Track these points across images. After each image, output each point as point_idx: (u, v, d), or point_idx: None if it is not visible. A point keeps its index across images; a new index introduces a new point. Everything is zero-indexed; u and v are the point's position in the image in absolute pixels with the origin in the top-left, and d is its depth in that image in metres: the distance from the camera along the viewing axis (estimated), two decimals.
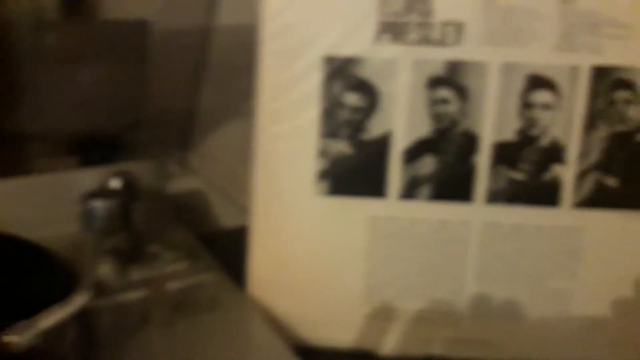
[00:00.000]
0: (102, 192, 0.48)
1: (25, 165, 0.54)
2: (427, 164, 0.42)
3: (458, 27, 0.39)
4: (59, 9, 0.51)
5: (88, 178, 0.53)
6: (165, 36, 0.50)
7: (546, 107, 0.40)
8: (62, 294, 0.35)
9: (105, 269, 0.44)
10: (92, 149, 0.54)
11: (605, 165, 0.41)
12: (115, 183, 0.52)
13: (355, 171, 0.43)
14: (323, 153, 0.42)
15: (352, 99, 0.41)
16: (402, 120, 0.41)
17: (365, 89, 0.41)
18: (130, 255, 0.46)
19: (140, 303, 0.41)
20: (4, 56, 0.51)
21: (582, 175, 0.41)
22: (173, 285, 0.43)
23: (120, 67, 0.51)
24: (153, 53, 0.50)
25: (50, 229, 0.50)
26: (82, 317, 0.38)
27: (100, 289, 0.44)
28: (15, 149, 0.54)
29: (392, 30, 0.40)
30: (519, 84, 0.40)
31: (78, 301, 0.34)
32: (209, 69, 0.51)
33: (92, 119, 0.54)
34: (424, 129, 0.41)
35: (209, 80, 0.52)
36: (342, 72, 0.41)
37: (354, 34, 0.40)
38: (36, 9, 0.50)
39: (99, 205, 0.45)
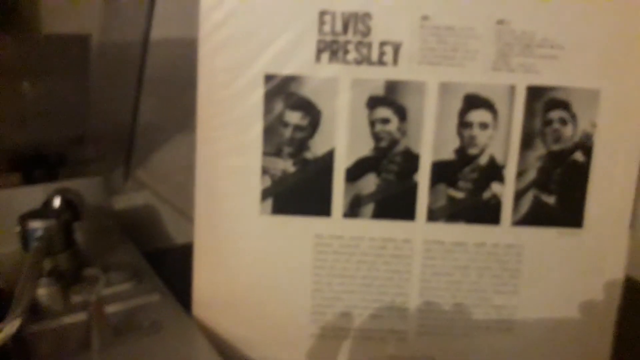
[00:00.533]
0: (41, 212, 0.48)
1: None
2: (370, 183, 0.42)
3: (396, 47, 0.40)
4: None
5: (31, 196, 0.52)
6: (107, 51, 0.50)
7: (484, 126, 0.41)
8: None
9: (44, 292, 0.43)
10: (35, 166, 0.54)
11: (542, 183, 0.42)
12: (56, 201, 0.52)
13: (299, 190, 0.43)
14: (267, 171, 0.43)
15: (294, 117, 0.42)
16: (344, 139, 0.42)
17: (307, 107, 0.41)
18: (72, 276, 0.46)
19: (81, 327, 0.41)
20: None
21: (520, 194, 0.42)
22: (115, 308, 0.43)
23: (62, 81, 0.50)
24: (96, 68, 0.50)
25: None
26: (20, 343, 0.38)
27: (40, 313, 0.44)
28: None
29: (332, 49, 0.40)
30: (457, 103, 0.41)
31: (10, 327, 0.34)
32: (154, 83, 0.50)
33: (34, 134, 0.53)
34: (365, 147, 0.42)
35: (154, 95, 0.52)
36: (283, 91, 0.41)
37: (294, 53, 0.40)
38: None
39: (37, 225, 0.45)
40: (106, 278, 0.42)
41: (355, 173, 0.42)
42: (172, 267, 0.52)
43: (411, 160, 0.42)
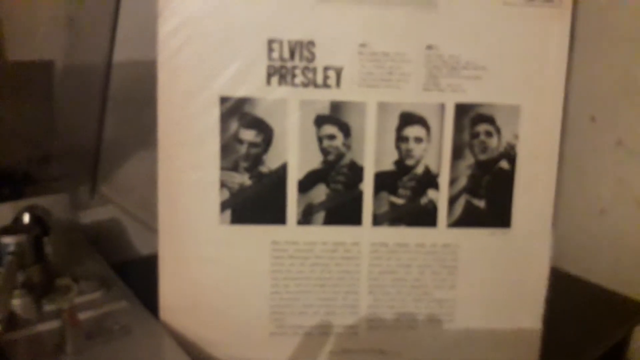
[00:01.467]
0: (12, 228, 0.52)
1: None
2: (320, 193, 0.48)
3: (338, 71, 0.46)
4: None
5: None
6: (70, 73, 0.54)
7: (419, 140, 0.47)
8: None
9: (19, 303, 0.47)
10: (2, 185, 0.57)
11: (473, 189, 0.48)
12: (25, 218, 0.56)
13: (256, 201, 0.48)
14: (225, 184, 0.48)
15: (249, 135, 0.47)
16: (295, 154, 0.47)
17: (260, 126, 0.47)
18: (43, 287, 0.49)
19: (54, 334, 0.44)
20: None
21: (453, 199, 0.48)
22: (86, 315, 0.47)
23: (27, 104, 0.54)
24: (59, 90, 0.54)
25: None
26: None
27: (14, 322, 0.48)
28: None
29: (281, 73, 0.46)
30: (394, 120, 0.46)
31: None
32: (115, 102, 0.55)
33: (1, 155, 0.57)
34: (315, 161, 0.47)
35: (115, 113, 0.56)
36: (237, 111, 0.46)
37: (246, 77, 0.46)
38: None
39: (9, 240, 0.48)
40: (77, 287, 0.47)
41: (306, 184, 0.48)
42: (137, 277, 0.56)
43: (356, 171, 0.47)
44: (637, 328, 0.68)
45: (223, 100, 0.46)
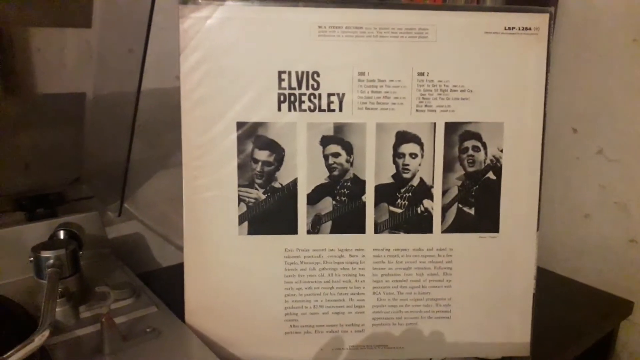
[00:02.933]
0: (50, 243, 0.57)
1: None
2: (327, 205, 0.53)
3: (340, 97, 0.52)
4: None
5: (35, 231, 0.61)
6: (100, 103, 0.60)
7: (413, 155, 0.53)
8: (22, 334, 0.43)
9: (59, 310, 0.52)
10: (37, 205, 0.63)
11: (463, 198, 0.54)
12: (60, 234, 0.62)
13: (270, 213, 0.53)
14: (242, 200, 0.53)
15: (263, 155, 0.53)
16: (304, 171, 0.53)
17: (273, 146, 0.52)
18: (80, 296, 0.55)
19: (92, 337, 0.50)
20: None
21: (446, 207, 0.54)
22: (120, 320, 0.52)
23: (60, 132, 0.60)
24: (90, 117, 0.60)
25: (2, 278, 0.59)
26: (42, 352, 0.47)
27: (56, 328, 0.53)
28: None
29: (290, 100, 0.52)
30: (390, 139, 0.52)
31: (41, 337, 0.43)
32: (139, 128, 0.61)
33: (36, 178, 0.62)
34: (322, 177, 0.53)
35: (138, 138, 0.61)
36: (252, 134, 0.52)
37: (260, 104, 0.51)
38: None
39: (49, 254, 0.54)
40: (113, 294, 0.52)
41: (314, 197, 0.53)
42: (160, 286, 0.61)
43: (358, 185, 0.53)
44: (623, 323, 0.73)
45: (239, 125, 0.52)
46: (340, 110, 0.52)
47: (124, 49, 0.58)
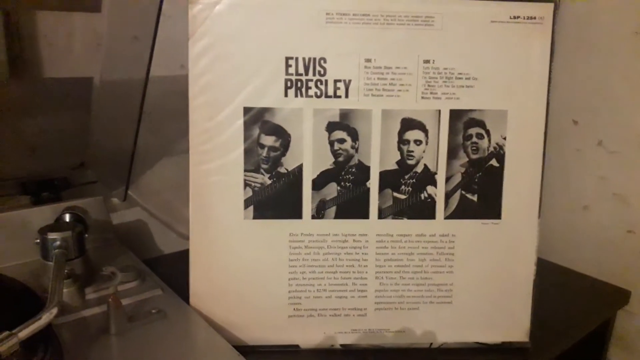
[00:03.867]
0: (57, 226, 0.58)
1: None
2: (332, 190, 0.54)
3: (346, 84, 0.52)
4: (6, 66, 0.60)
5: (41, 215, 0.62)
6: (107, 88, 0.60)
7: (418, 142, 0.54)
8: (29, 313, 0.44)
9: (65, 291, 0.53)
10: (43, 189, 0.63)
11: (466, 185, 0.55)
12: (66, 217, 0.62)
13: (275, 198, 0.54)
14: (248, 184, 0.54)
15: (269, 140, 0.53)
16: (310, 156, 0.53)
17: (279, 132, 0.53)
18: (86, 278, 0.55)
19: (98, 318, 0.51)
20: None
21: (450, 194, 0.55)
22: (125, 302, 0.52)
23: (68, 117, 0.60)
24: (97, 103, 0.61)
25: (9, 260, 0.59)
26: (49, 330, 0.48)
27: (62, 308, 0.53)
28: None
29: (297, 86, 0.52)
30: (396, 125, 0.53)
31: (49, 315, 0.43)
32: (144, 113, 0.61)
33: (42, 162, 0.63)
34: (327, 162, 0.54)
35: (144, 123, 0.62)
36: (259, 119, 0.53)
37: (267, 90, 0.52)
38: None
39: (56, 236, 0.54)
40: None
41: (319, 183, 0.54)
42: (162, 273, 0.62)
43: (363, 171, 0.54)
44: (619, 312, 0.74)
45: (246, 110, 0.52)
46: (347, 96, 0.53)
47: (130, 36, 0.58)
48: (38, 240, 0.55)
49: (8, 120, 0.60)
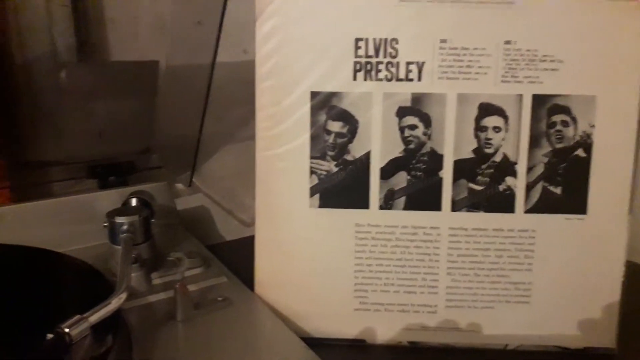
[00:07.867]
0: (124, 210, 0.61)
1: (50, 189, 0.66)
2: (401, 180, 0.54)
3: (419, 66, 0.51)
4: (74, 51, 0.64)
5: (108, 199, 0.65)
6: (174, 72, 0.62)
7: (497, 129, 0.52)
8: (99, 297, 0.46)
9: (132, 276, 0.55)
10: (109, 174, 0.67)
11: (549, 176, 0.53)
12: (133, 201, 0.65)
13: (342, 186, 0.54)
14: (314, 172, 0.54)
15: (336, 126, 0.53)
16: (378, 143, 0.53)
17: (346, 117, 0.53)
18: (152, 263, 0.58)
19: (164, 303, 0.53)
20: (30, 93, 0.63)
21: (531, 186, 0.53)
22: (191, 288, 0.54)
23: (134, 101, 0.63)
24: (163, 87, 0.63)
25: (77, 243, 0.63)
26: (118, 315, 0.50)
27: (130, 293, 0.56)
28: (41, 174, 0.66)
29: (366, 69, 0.52)
30: (473, 111, 0.52)
31: (118, 300, 0.45)
32: (211, 100, 0.63)
33: (109, 147, 0.66)
34: (396, 150, 0.53)
35: (210, 110, 0.64)
36: (326, 104, 0.53)
37: (335, 73, 0.52)
38: (55, 52, 0.63)
39: (123, 220, 0.57)
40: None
41: (388, 171, 0.54)
42: (224, 260, 0.64)
43: (436, 159, 0.53)
44: None
45: (313, 95, 0.53)
46: (419, 79, 0.52)
47: (194, 21, 0.60)
48: (106, 224, 0.58)
49: (76, 104, 0.63)
